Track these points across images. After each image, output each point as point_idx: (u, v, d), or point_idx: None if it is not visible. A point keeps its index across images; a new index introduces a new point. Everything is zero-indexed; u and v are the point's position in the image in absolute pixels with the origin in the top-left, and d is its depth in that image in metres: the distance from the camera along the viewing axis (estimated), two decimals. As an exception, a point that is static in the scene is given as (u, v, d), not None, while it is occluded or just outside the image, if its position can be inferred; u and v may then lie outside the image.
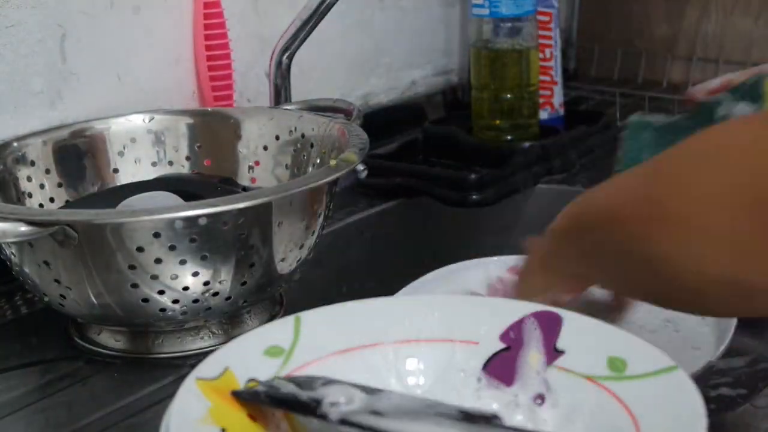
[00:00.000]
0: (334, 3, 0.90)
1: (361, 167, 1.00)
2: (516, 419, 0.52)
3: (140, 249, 0.65)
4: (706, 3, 1.33)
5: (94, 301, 0.67)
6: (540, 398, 0.53)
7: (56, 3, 0.86)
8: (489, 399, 0.54)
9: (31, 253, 0.67)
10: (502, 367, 0.54)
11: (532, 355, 0.54)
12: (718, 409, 0.63)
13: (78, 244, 0.64)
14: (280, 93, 0.93)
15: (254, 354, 0.53)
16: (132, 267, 0.66)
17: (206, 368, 0.51)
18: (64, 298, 0.68)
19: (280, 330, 0.55)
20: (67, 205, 0.80)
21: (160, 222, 0.65)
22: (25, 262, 0.68)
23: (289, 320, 0.55)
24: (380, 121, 1.19)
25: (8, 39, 0.83)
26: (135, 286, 0.67)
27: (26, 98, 0.85)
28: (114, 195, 0.78)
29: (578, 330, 0.53)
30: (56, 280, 0.67)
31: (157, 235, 0.65)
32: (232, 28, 0.97)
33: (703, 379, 0.60)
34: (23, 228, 0.62)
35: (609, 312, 0.62)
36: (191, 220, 0.65)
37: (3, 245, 0.69)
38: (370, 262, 0.98)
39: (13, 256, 0.69)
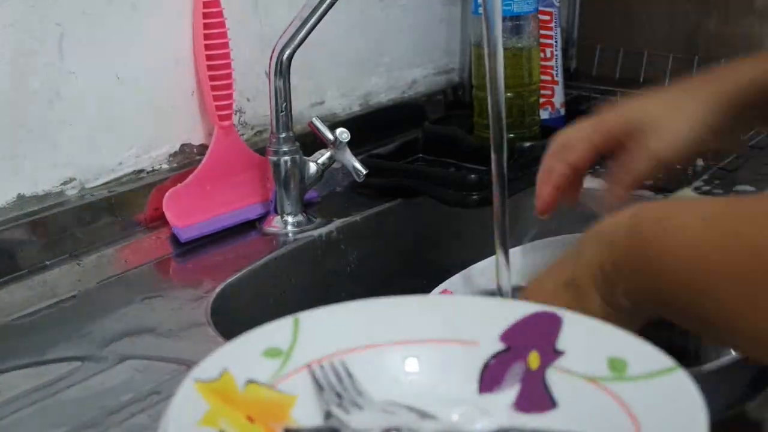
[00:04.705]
0: (334, 2, 0.90)
1: (360, 169, 1.00)
2: (516, 420, 0.52)
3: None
4: (707, 1, 1.32)
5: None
6: (540, 399, 0.52)
7: (54, 2, 0.85)
8: (489, 400, 0.53)
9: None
10: (502, 367, 0.54)
11: (532, 355, 0.53)
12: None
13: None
14: (280, 93, 0.93)
15: (253, 355, 0.53)
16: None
17: (204, 370, 0.50)
18: None
19: (278, 331, 0.55)
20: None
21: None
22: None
23: (288, 321, 0.55)
24: (380, 121, 1.19)
25: (6, 38, 0.82)
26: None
27: (24, 97, 0.84)
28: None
29: (578, 331, 0.53)
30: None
31: None
32: (232, 27, 0.97)
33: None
34: None
35: None
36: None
37: None
38: (370, 262, 0.98)
39: None
